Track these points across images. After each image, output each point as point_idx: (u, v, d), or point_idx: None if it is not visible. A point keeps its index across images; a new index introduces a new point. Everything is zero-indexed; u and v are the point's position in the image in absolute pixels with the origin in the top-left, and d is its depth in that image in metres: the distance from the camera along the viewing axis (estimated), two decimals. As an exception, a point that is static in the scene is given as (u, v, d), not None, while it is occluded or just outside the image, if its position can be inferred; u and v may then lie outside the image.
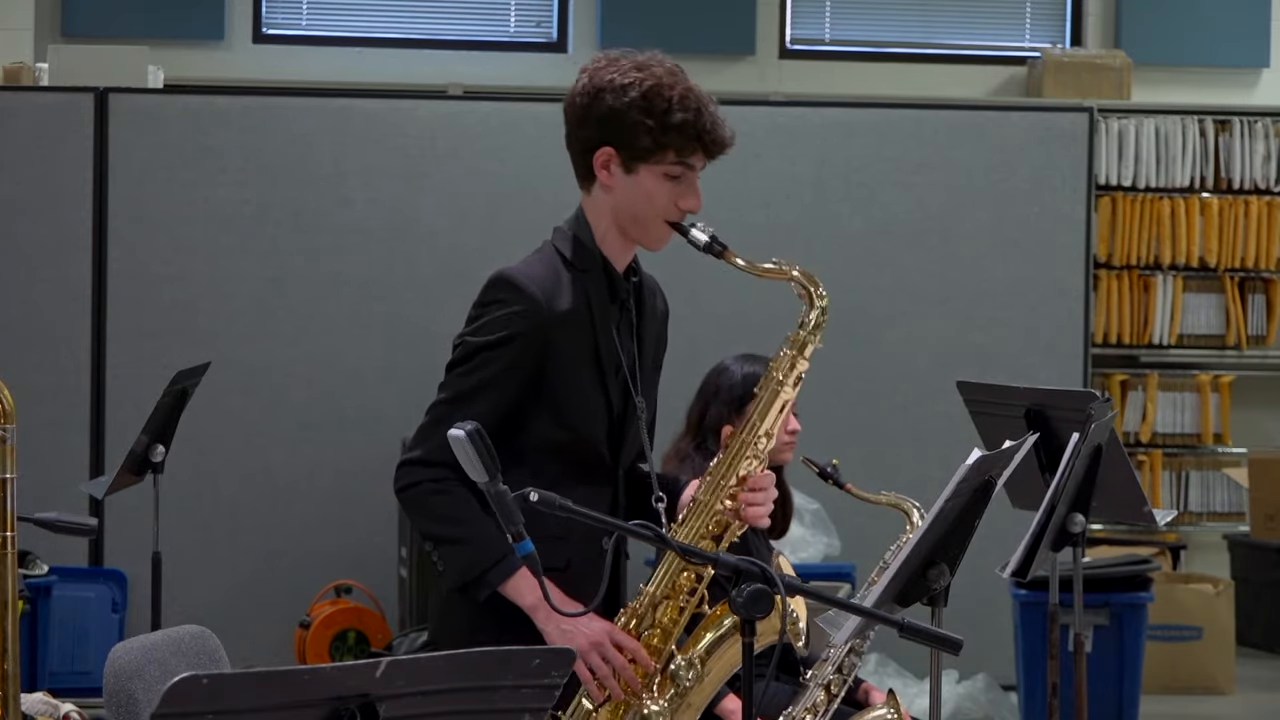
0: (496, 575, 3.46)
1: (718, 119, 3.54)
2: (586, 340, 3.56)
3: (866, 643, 4.40)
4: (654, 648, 3.49)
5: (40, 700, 5.10)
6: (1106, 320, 9.64)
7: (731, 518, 3.53)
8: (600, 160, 3.56)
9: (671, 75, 3.54)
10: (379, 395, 7.77)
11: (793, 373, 3.56)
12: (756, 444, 3.54)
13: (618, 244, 3.61)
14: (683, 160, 3.53)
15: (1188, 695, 8.19)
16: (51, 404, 7.66)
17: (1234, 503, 9.78)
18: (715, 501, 3.52)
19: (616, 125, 3.52)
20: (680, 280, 7.40)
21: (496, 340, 3.51)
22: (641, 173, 3.54)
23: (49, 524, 5.05)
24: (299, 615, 7.69)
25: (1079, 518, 4.71)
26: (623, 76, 3.53)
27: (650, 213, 3.55)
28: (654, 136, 3.50)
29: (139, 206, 7.85)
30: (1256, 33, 10.31)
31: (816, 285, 3.57)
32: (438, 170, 7.94)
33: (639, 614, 3.50)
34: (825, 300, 3.57)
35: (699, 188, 3.58)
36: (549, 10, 10.19)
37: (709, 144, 3.53)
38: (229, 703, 2.26)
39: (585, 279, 3.58)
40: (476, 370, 3.52)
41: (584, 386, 3.56)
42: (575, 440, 3.56)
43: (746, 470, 3.54)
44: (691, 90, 3.53)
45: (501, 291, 3.53)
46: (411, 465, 3.56)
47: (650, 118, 3.50)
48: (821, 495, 7.06)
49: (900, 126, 8.15)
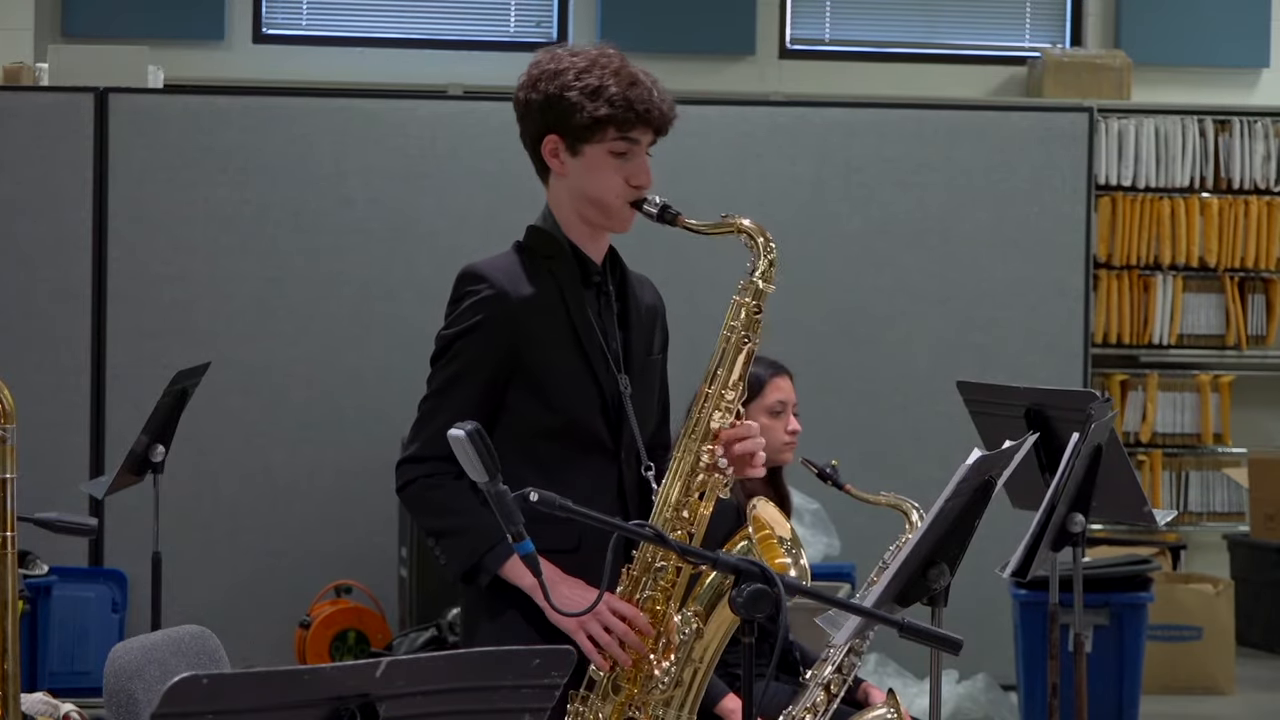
0: (493, 560, 3.50)
1: (654, 91, 3.58)
2: (561, 324, 3.60)
3: (866, 643, 4.39)
4: (655, 613, 3.51)
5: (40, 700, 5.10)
6: (1106, 320, 9.64)
7: (710, 474, 3.55)
8: (548, 148, 3.63)
9: (605, 55, 3.60)
10: (379, 395, 7.77)
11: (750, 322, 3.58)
12: (724, 395, 3.57)
13: (584, 231, 3.65)
14: (624, 135, 3.57)
15: (1188, 695, 8.19)
16: (51, 404, 7.66)
17: (1234, 503, 9.78)
18: (689, 459, 3.54)
19: (555, 110, 3.59)
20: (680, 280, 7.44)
21: (466, 329, 3.58)
22: (587, 154, 3.59)
23: (49, 524, 5.05)
24: (299, 615, 7.69)
25: (1079, 518, 4.71)
26: (558, 64, 3.60)
27: (603, 192, 3.59)
28: (590, 113, 3.55)
29: (139, 206, 7.85)
30: (1256, 33, 10.31)
31: (765, 235, 3.61)
32: (438, 170, 7.94)
33: (635, 579, 3.52)
34: (774, 252, 3.61)
35: (648, 164, 3.62)
36: (549, 10, 10.19)
37: (644, 115, 3.57)
38: (229, 703, 2.26)
39: (551, 265, 3.63)
40: (452, 361, 3.59)
41: (565, 368, 3.59)
42: (570, 423, 3.59)
43: (719, 423, 3.56)
44: (626, 66, 3.59)
45: (466, 284, 3.62)
46: (406, 464, 3.63)
47: (585, 96, 3.55)
48: (821, 495, 7.05)
49: (900, 126, 8.15)
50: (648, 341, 3.75)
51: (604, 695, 3.50)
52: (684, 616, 3.51)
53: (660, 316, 3.81)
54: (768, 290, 3.59)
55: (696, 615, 3.51)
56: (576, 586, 3.47)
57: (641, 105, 3.56)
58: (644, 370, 3.71)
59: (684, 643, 3.50)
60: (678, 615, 3.51)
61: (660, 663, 3.49)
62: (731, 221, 3.60)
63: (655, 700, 3.50)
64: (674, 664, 3.50)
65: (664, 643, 3.50)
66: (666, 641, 3.50)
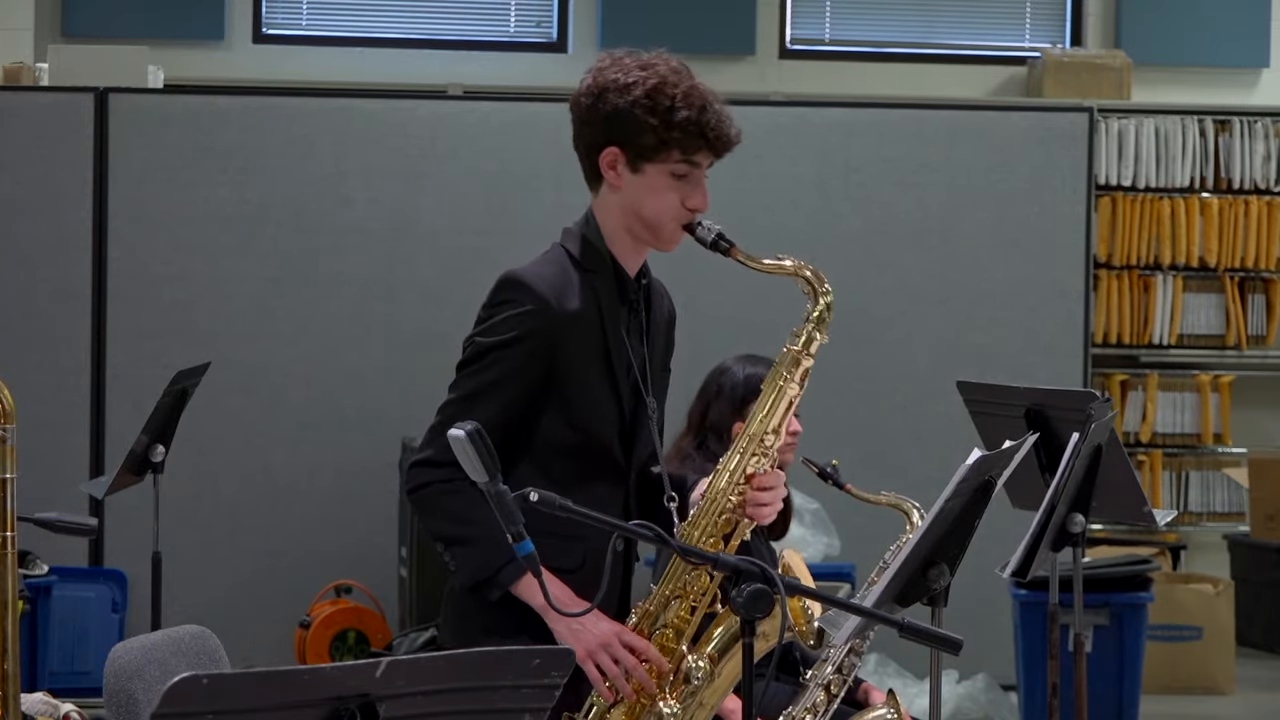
0: (508, 575, 3.45)
1: (723, 116, 3.53)
2: (596, 341, 3.55)
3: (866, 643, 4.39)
4: (666, 648, 3.49)
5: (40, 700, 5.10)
6: (1106, 320, 9.64)
7: (739, 516, 3.53)
8: (606, 160, 3.55)
9: (676, 73, 3.53)
10: (379, 395, 7.77)
11: (798, 369, 3.55)
12: (764, 441, 3.54)
13: (627, 245, 3.60)
14: (688, 159, 3.52)
15: (1188, 695, 8.19)
16: (51, 404, 7.66)
17: (1234, 503, 9.78)
18: (723, 500, 3.52)
19: (621, 124, 3.51)
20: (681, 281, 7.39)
21: (506, 340, 3.50)
22: (648, 172, 3.53)
23: (49, 524, 5.05)
24: (299, 615, 7.69)
25: (1079, 518, 4.71)
26: (626, 75, 3.52)
27: (658, 212, 3.54)
28: (658, 135, 3.49)
29: (139, 206, 7.85)
30: (1256, 33, 10.31)
31: (823, 282, 3.57)
32: (438, 170, 7.94)
33: (650, 613, 3.50)
34: (830, 296, 3.57)
35: (706, 186, 3.57)
36: (549, 10, 10.19)
37: (714, 141, 3.52)
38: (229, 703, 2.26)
39: (594, 279, 3.57)
40: (486, 370, 3.52)
41: (595, 387, 3.55)
42: (587, 441, 3.56)
43: (754, 468, 3.53)
44: (696, 88, 3.52)
45: (511, 292, 3.53)
46: (421, 466, 3.55)
47: (654, 116, 3.48)
48: (821, 495, 7.06)
49: (900, 126, 8.15)
50: (664, 358, 3.73)
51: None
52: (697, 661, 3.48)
53: (672, 326, 3.79)
54: (822, 340, 3.55)
55: (710, 659, 3.49)
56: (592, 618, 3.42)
57: (712, 133, 3.51)
58: (658, 387, 3.69)
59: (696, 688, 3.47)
60: (690, 656, 3.48)
61: (666, 700, 3.46)
62: (790, 266, 3.54)
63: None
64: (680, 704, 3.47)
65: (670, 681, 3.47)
66: (674, 679, 3.48)
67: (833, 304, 3.57)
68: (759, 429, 3.54)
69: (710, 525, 3.52)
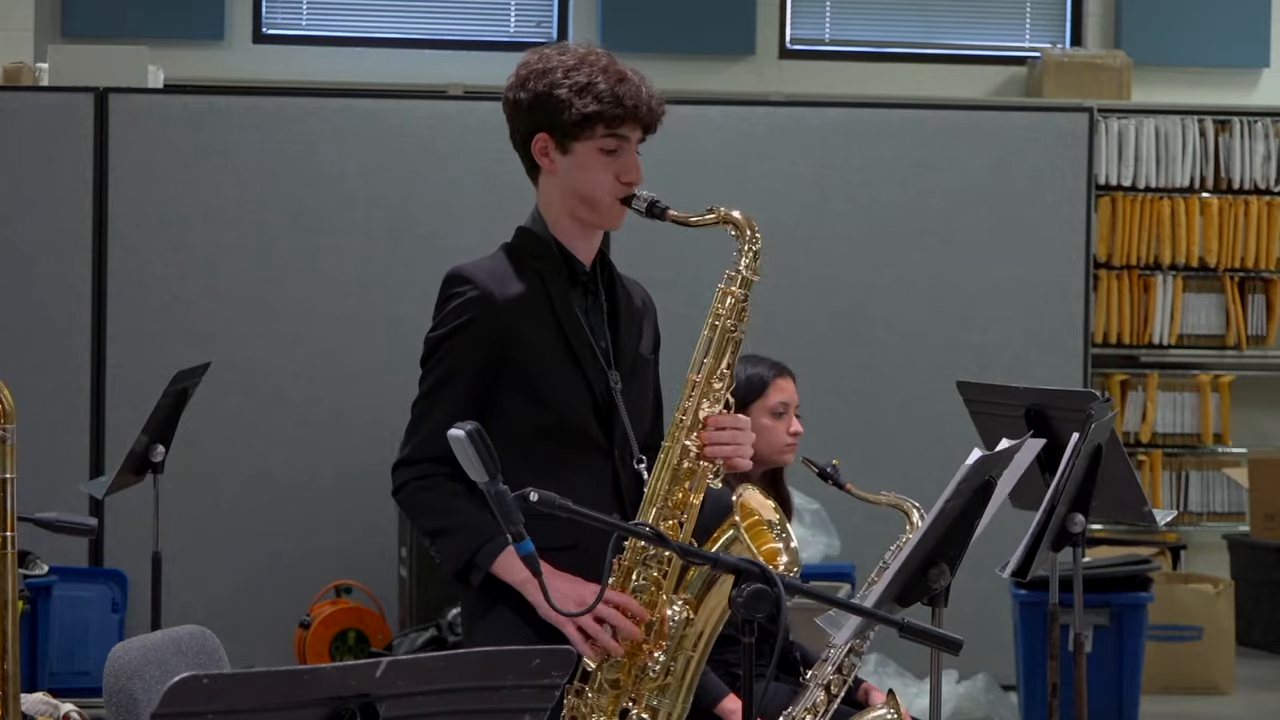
0: (484, 557, 3.51)
1: (640, 87, 3.60)
2: (548, 323, 3.61)
3: (866, 643, 4.39)
4: (647, 602, 3.52)
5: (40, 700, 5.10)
6: (1106, 320, 9.64)
7: (696, 462, 3.55)
8: (538, 147, 3.64)
9: (593, 54, 3.62)
10: (379, 395, 7.77)
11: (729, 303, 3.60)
12: (711, 384, 3.57)
13: (573, 230, 3.67)
14: (613, 132, 3.59)
15: (1188, 695, 8.18)
16: (51, 404, 7.66)
17: (1234, 503, 9.78)
18: (676, 448, 3.54)
19: (544, 107, 3.59)
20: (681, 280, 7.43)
21: (452, 330, 3.60)
22: (577, 151, 3.60)
23: (49, 524, 5.06)
24: (299, 615, 7.69)
25: (1079, 518, 4.71)
26: (545, 62, 3.61)
27: (594, 189, 3.61)
28: (579, 110, 3.56)
29: (139, 206, 7.85)
30: (1256, 33, 10.31)
31: (753, 225, 3.62)
32: (438, 170, 7.94)
33: (627, 569, 3.53)
34: (759, 244, 3.62)
35: (638, 160, 3.64)
36: (549, 10, 10.19)
37: (631, 108, 3.58)
38: (229, 703, 2.26)
39: (538, 264, 3.64)
40: (441, 362, 3.61)
41: (556, 367, 3.60)
42: (561, 420, 3.60)
43: (707, 411, 3.56)
44: (614, 64, 3.61)
45: (452, 286, 3.64)
46: (399, 467, 3.64)
47: (573, 93, 3.56)
48: (821, 495, 7.05)
49: (900, 126, 8.15)
50: (637, 341, 3.75)
51: (599, 688, 3.50)
52: (676, 606, 3.51)
53: (651, 317, 3.82)
54: (754, 279, 3.61)
55: (688, 604, 3.52)
56: (568, 581, 3.48)
57: (630, 101, 3.58)
58: (635, 369, 3.71)
59: (675, 631, 3.50)
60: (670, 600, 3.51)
61: (653, 652, 3.50)
62: (719, 212, 3.60)
63: (650, 689, 3.50)
64: (666, 653, 3.50)
65: (655, 631, 3.50)
66: (658, 630, 3.51)
67: (760, 251, 3.61)
68: (703, 373, 3.58)
69: (669, 477, 3.54)
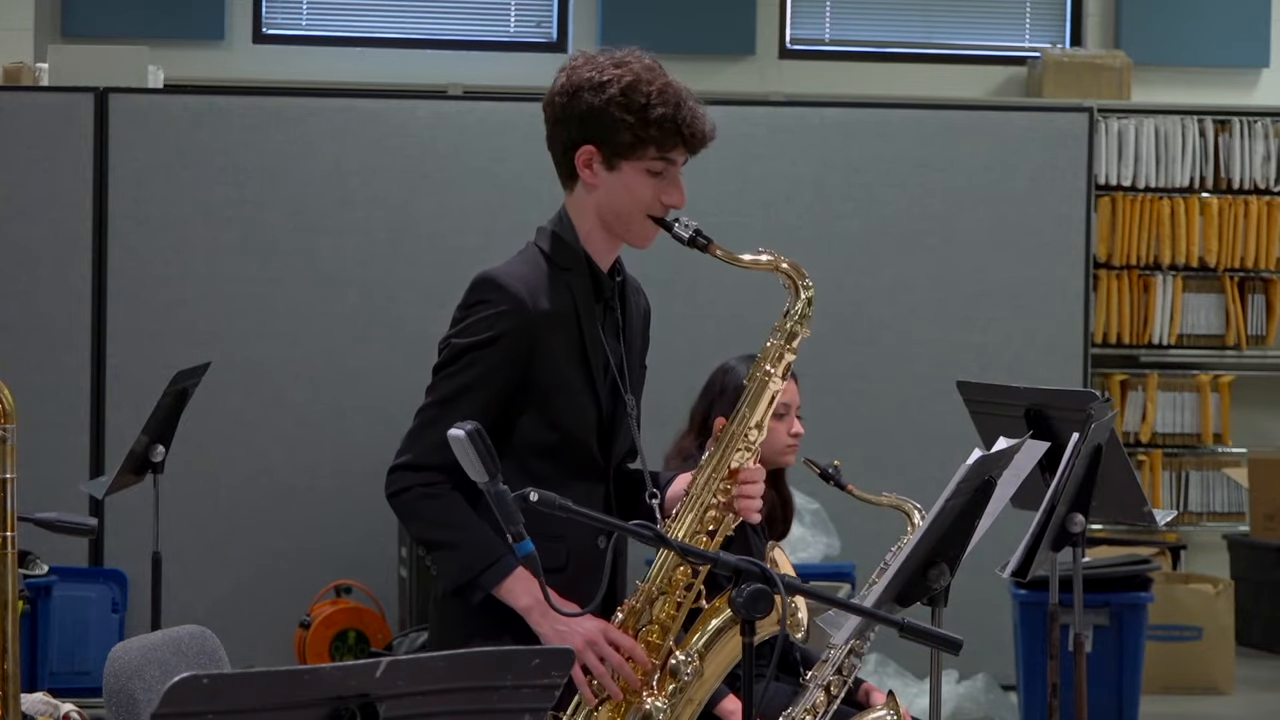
0: (490, 578, 3.45)
1: (697, 112, 3.54)
2: (573, 339, 3.55)
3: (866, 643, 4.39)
4: (652, 644, 3.48)
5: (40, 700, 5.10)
6: (1106, 320, 9.64)
7: (724, 512, 3.52)
8: (582, 159, 3.56)
9: (649, 70, 3.54)
10: (379, 395, 7.77)
11: (781, 363, 3.55)
12: (747, 436, 3.53)
13: (602, 242, 3.60)
14: (664, 155, 3.53)
15: (1188, 695, 8.19)
16: (51, 404, 7.66)
17: (1234, 503, 9.78)
18: (707, 495, 3.51)
19: (597, 122, 3.52)
20: (680, 280, 7.44)
21: (482, 341, 3.50)
22: (624, 169, 3.54)
23: (49, 524, 5.06)
24: (299, 615, 7.69)
25: (1079, 518, 4.71)
26: (600, 74, 3.53)
27: (634, 209, 3.55)
28: (634, 132, 3.50)
29: (139, 206, 7.85)
30: (1256, 33, 10.31)
31: (803, 276, 3.55)
32: (438, 170, 7.94)
33: (636, 611, 3.49)
34: (811, 290, 3.55)
35: (682, 182, 3.58)
36: (549, 10, 10.19)
37: (688, 138, 3.53)
38: (229, 703, 2.26)
39: (569, 277, 3.57)
40: (463, 371, 3.51)
41: (572, 385, 3.55)
42: (565, 439, 3.55)
43: (738, 463, 3.52)
44: (670, 84, 3.54)
45: (486, 292, 3.52)
46: (401, 470, 3.54)
47: (630, 113, 3.49)
48: (822, 495, 7.06)
49: (900, 126, 8.15)
50: (640, 354, 3.73)
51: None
52: (686, 657, 3.47)
53: (648, 323, 3.79)
54: (804, 334, 3.54)
55: (699, 655, 3.48)
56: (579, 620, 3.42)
57: (687, 129, 3.52)
58: (636, 384, 3.68)
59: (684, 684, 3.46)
60: (678, 652, 3.47)
61: (654, 699, 3.45)
62: (770, 260, 3.52)
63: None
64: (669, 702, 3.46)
65: (657, 678, 3.46)
66: (660, 676, 3.47)
67: (814, 298, 3.56)
68: (741, 425, 3.53)
69: (695, 522, 3.51)
